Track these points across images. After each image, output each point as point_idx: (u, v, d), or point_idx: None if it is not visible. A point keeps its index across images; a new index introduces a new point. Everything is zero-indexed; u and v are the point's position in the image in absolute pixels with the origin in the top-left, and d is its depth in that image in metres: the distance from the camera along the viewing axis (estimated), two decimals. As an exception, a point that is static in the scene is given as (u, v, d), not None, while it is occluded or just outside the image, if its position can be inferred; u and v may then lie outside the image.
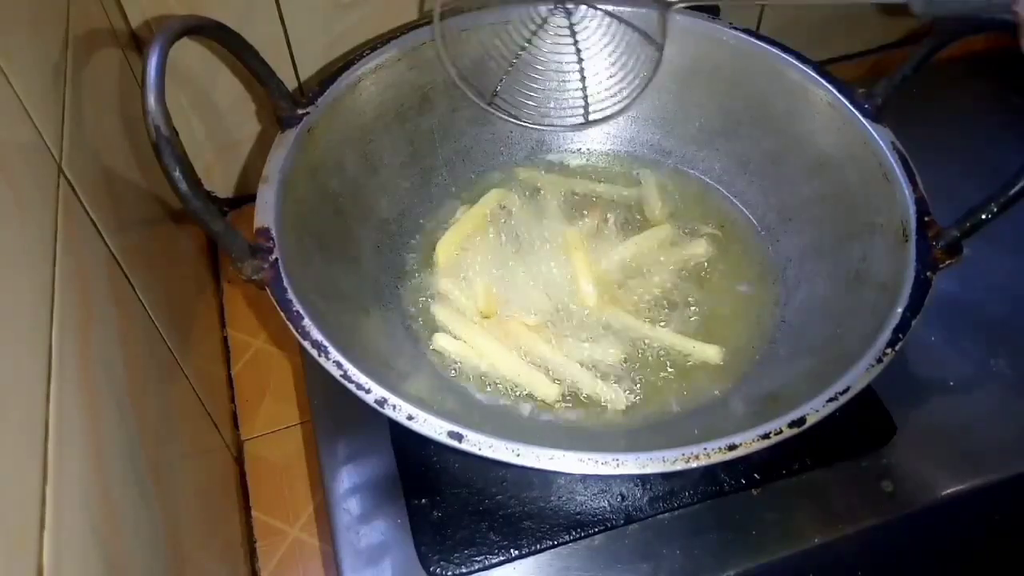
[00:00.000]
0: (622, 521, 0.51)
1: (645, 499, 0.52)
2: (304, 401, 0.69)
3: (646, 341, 0.57)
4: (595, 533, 0.51)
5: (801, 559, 0.51)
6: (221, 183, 0.79)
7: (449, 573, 0.49)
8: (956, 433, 0.56)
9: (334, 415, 0.56)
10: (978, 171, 0.68)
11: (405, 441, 0.54)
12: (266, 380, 0.71)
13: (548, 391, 0.54)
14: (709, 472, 0.52)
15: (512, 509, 0.51)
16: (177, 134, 0.41)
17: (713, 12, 0.63)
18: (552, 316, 0.58)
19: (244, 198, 0.80)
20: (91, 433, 0.36)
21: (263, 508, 0.65)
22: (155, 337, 0.51)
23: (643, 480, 0.52)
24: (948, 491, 0.53)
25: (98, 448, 0.36)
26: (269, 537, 0.63)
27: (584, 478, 0.53)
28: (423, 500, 0.52)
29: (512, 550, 0.50)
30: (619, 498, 0.52)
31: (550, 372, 0.55)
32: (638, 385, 0.55)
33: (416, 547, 0.50)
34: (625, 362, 0.56)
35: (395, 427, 0.46)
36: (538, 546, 0.50)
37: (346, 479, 0.54)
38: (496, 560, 0.49)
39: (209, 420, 0.61)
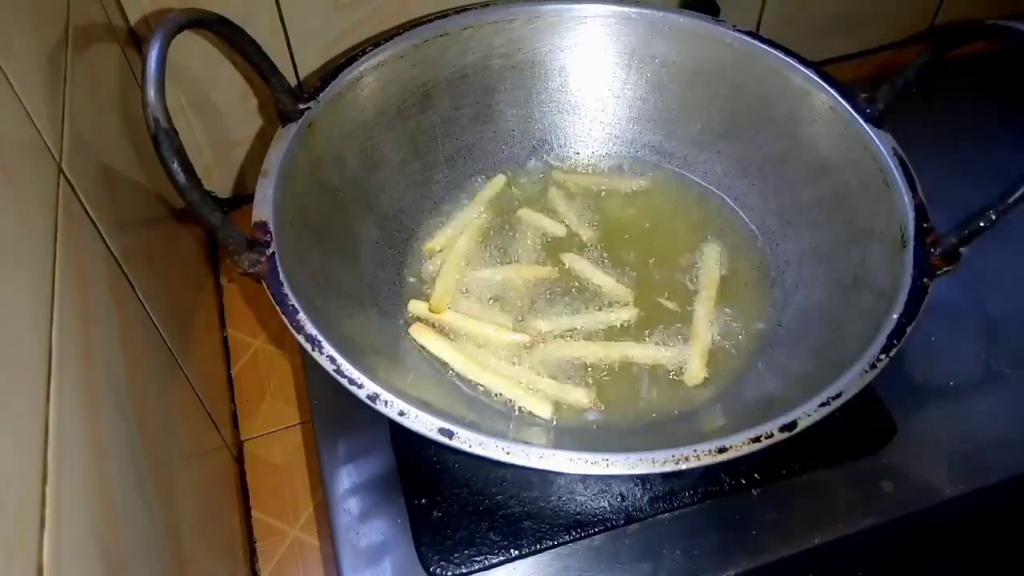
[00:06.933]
0: (622, 521, 0.51)
1: (645, 499, 0.52)
2: (304, 401, 0.69)
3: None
4: (595, 533, 0.51)
5: (801, 559, 0.51)
6: (220, 184, 0.79)
7: (449, 573, 0.49)
8: (956, 433, 0.56)
9: (334, 415, 0.56)
10: (980, 172, 0.68)
11: (405, 441, 0.54)
12: (266, 380, 0.71)
13: (542, 410, 0.53)
14: (709, 472, 0.52)
15: (512, 509, 0.51)
16: (176, 132, 0.41)
17: (714, 12, 0.63)
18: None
19: (243, 199, 0.80)
20: (91, 433, 0.36)
21: (263, 508, 0.65)
22: (155, 337, 0.51)
23: (643, 480, 0.52)
24: (948, 491, 0.53)
25: (98, 448, 0.36)
26: (269, 537, 0.63)
27: (584, 478, 0.52)
28: (423, 500, 0.52)
29: (512, 550, 0.50)
30: (619, 498, 0.52)
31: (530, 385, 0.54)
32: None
33: (416, 547, 0.50)
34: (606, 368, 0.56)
35: (395, 427, 0.45)
36: (538, 546, 0.50)
37: (346, 479, 0.54)
38: (496, 560, 0.49)
39: (209, 420, 0.61)
